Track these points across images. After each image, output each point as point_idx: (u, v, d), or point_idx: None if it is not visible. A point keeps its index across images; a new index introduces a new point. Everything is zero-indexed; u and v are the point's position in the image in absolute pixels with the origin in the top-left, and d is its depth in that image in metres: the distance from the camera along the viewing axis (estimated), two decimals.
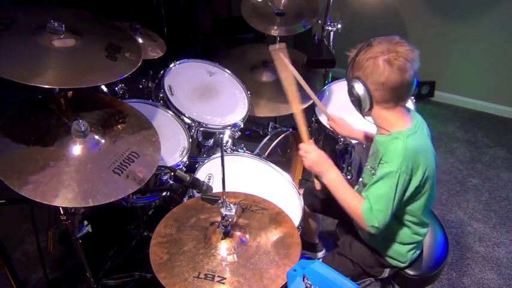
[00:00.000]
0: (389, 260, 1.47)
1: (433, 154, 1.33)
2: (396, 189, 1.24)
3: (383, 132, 1.34)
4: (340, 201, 1.35)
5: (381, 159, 1.29)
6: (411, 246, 1.45)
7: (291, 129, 2.19)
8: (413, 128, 1.30)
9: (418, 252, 1.50)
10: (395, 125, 1.31)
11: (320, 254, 2.07)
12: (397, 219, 1.38)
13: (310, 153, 1.43)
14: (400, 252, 1.45)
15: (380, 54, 1.23)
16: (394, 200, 1.25)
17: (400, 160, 1.23)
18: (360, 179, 1.48)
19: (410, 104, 2.11)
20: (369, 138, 1.65)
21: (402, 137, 1.26)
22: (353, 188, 1.53)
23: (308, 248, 2.03)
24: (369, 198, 1.27)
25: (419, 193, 1.33)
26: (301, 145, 1.47)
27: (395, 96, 1.27)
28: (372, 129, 1.58)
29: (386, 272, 1.51)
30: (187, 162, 1.78)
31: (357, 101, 1.30)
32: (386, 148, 1.29)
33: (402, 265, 1.48)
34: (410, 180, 1.27)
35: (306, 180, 2.52)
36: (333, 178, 1.38)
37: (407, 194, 1.29)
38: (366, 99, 1.27)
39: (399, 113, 1.31)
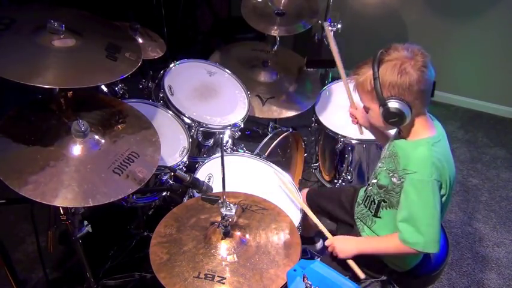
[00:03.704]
0: (390, 265, 1.46)
1: (454, 164, 1.30)
2: (434, 198, 1.20)
3: (405, 137, 1.31)
4: (386, 253, 1.37)
5: (404, 169, 1.26)
6: (414, 254, 1.44)
7: (291, 129, 2.19)
8: (437, 136, 1.27)
9: (420, 258, 1.47)
10: (420, 132, 1.27)
11: (318, 245, 2.08)
12: None
13: (336, 246, 1.41)
14: (401, 259, 1.44)
15: (406, 64, 1.18)
16: (436, 209, 1.21)
17: (429, 168, 1.20)
18: (374, 181, 1.43)
19: None
20: (384, 137, 1.61)
21: (427, 145, 1.24)
22: (364, 189, 1.53)
23: (305, 242, 2.03)
24: (408, 221, 1.25)
25: (444, 203, 1.28)
26: (326, 242, 1.46)
27: (429, 97, 1.25)
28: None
29: (384, 275, 1.49)
30: (187, 162, 1.78)
31: (399, 120, 1.23)
32: (410, 156, 1.25)
33: (402, 270, 1.46)
34: (441, 188, 1.23)
35: (306, 180, 2.53)
36: (365, 244, 1.40)
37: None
38: (409, 114, 1.22)
39: (426, 120, 1.28)
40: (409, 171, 1.24)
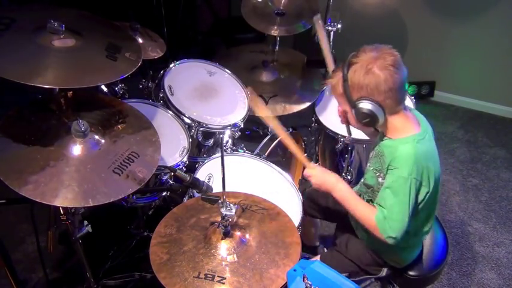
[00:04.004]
0: (387, 260, 1.47)
1: (438, 160, 1.32)
2: (410, 197, 1.22)
3: (388, 137, 1.32)
4: (352, 213, 1.35)
5: (389, 165, 1.27)
6: (410, 249, 1.45)
7: (291, 129, 2.19)
8: (422, 133, 1.29)
9: (417, 253, 1.49)
10: (403, 130, 1.28)
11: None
12: None
13: (315, 174, 1.43)
14: (398, 254, 1.45)
15: (371, 64, 1.21)
16: (409, 207, 1.23)
17: (410, 166, 1.22)
18: (362, 180, 1.46)
19: (410, 103, 2.11)
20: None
21: (412, 142, 1.25)
22: (353, 187, 1.54)
23: (309, 251, 2.03)
24: (383, 207, 1.26)
25: (428, 200, 1.30)
26: (305, 171, 1.47)
27: (402, 95, 1.26)
28: None
29: (384, 272, 1.50)
30: (187, 162, 1.78)
31: (372, 121, 1.26)
32: (395, 153, 1.26)
33: (400, 266, 1.48)
34: (421, 186, 1.25)
35: (306, 180, 2.53)
36: (343, 190, 1.37)
37: (419, 201, 1.27)
38: (381, 113, 1.24)
39: (406, 117, 1.29)
40: (392, 167, 1.26)
